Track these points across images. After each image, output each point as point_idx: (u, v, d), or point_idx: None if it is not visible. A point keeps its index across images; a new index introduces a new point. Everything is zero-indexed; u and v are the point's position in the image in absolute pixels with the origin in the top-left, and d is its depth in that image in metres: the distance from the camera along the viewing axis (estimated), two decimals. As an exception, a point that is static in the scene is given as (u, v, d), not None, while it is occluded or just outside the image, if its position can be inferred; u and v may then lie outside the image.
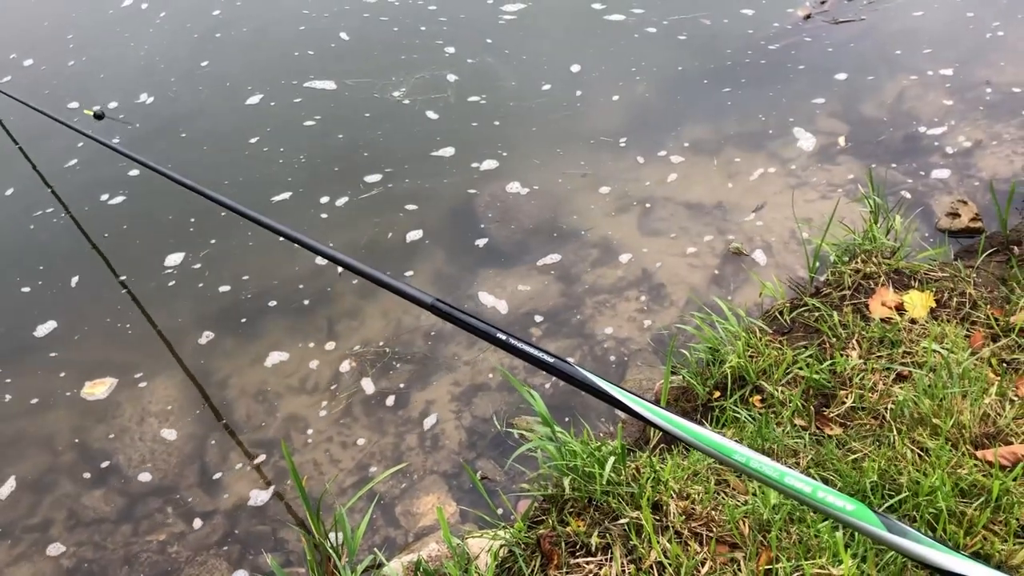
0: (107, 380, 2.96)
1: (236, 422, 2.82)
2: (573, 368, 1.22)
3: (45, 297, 3.33)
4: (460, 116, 4.19)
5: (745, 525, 1.86)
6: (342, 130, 4.16)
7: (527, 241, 3.43)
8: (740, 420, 2.28)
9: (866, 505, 0.90)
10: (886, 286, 2.65)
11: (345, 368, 2.96)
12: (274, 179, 3.88)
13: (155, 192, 3.81)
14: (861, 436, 2.13)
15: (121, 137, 4.14)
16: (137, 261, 3.47)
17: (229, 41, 4.97)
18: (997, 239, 3.00)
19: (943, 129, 3.73)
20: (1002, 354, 2.34)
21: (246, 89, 4.52)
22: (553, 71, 4.45)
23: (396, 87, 4.41)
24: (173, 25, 5.16)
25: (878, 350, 2.41)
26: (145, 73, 4.71)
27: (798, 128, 3.86)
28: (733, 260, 3.20)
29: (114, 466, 2.71)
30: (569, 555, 1.91)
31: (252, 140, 4.16)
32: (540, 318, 3.07)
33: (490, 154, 3.90)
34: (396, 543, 2.45)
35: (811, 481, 0.93)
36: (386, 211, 3.62)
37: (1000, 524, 1.80)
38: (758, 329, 2.61)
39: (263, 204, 3.71)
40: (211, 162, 4.06)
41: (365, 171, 3.86)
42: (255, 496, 2.59)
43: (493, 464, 2.62)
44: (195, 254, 3.48)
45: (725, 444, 1.04)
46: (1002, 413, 2.07)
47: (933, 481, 1.85)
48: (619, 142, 3.89)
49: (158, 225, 3.65)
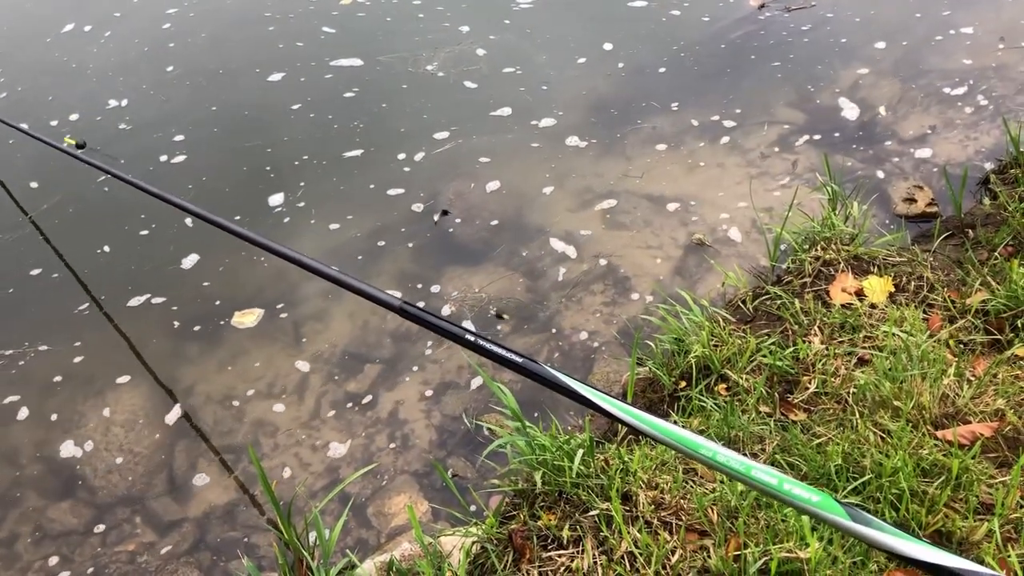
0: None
1: (203, 428, 2.79)
2: (541, 367, 1.23)
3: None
4: (502, 84, 4.37)
5: (714, 512, 1.88)
6: (385, 100, 4.32)
7: (590, 185, 3.68)
8: (706, 409, 2.31)
9: (830, 495, 0.92)
10: (846, 272, 2.69)
11: (313, 371, 2.95)
12: (335, 140, 4.06)
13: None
14: (825, 421, 2.16)
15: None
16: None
17: (193, 45, 4.91)
18: (952, 223, 3.06)
19: (898, 116, 3.79)
20: (959, 335, 2.38)
21: (262, 69, 4.57)
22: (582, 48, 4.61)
23: (428, 61, 4.55)
24: (131, 39, 5.07)
25: (839, 335, 2.45)
26: (104, 85, 4.62)
27: (756, 118, 3.90)
28: (696, 251, 3.23)
29: (80, 477, 2.68)
30: (541, 549, 1.92)
31: (294, 107, 4.28)
32: (604, 261, 3.27)
33: (546, 113, 4.11)
34: (369, 544, 2.45)
35: (777, 473, 0.95)
36: (463, 163, 3.85)
37: (960, 502, 1.84)
38: (722, 318, 2.64)
39: (336, 159, 3.93)
40: (262, 128, 4.19)
41: (434, 129, 4.07)
42: (224, 503, 2.57)
43: (464, 461, 2.63)
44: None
45: (691, 439, 1.05)
46: (960, 393, 2.11)
47: (895, 462, 1.88)
48: (579, 144, 3.91)
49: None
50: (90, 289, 3.32)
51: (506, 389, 2.18)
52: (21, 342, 3.10)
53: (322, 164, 3.92)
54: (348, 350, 3.02)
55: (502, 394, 2.16)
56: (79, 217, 3.74)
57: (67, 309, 3.24)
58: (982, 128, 3.65)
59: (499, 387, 2.20)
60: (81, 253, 3.51)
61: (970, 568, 0.80)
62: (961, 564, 0.80)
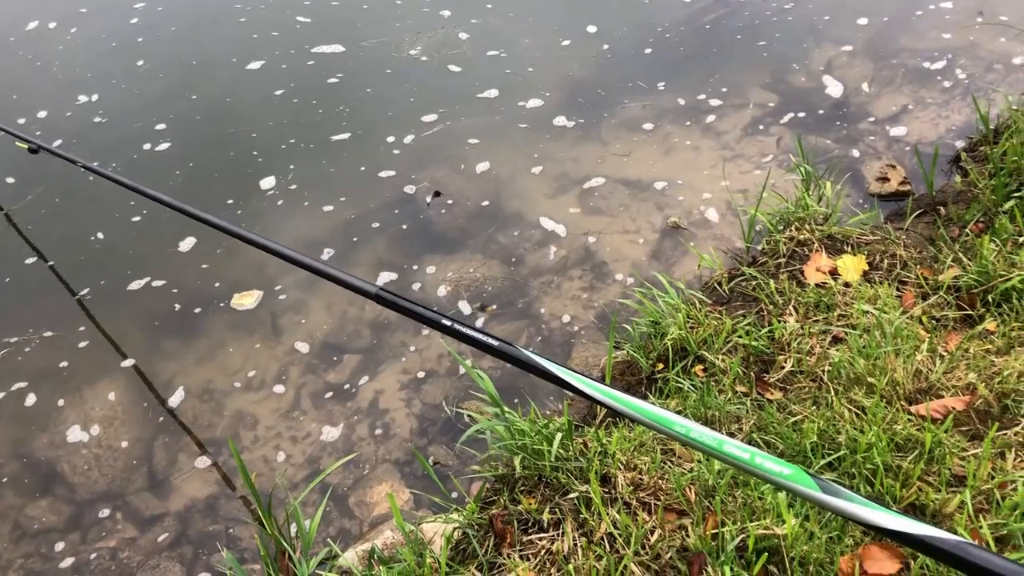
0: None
1: (183, 422, 2.78)
2: (517, 350, 1.23)
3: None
4: (487, 67, 4.37)
5: (692, 492, 1.90)
6: (369, 85, 4.31)
7: (580, 159, 3.74)
8: (683, 390, 2.32)
9: (802, 469, 0.93)
10: (820, 252, 2.71)
11: (292, 362, 2.94)
12: (321, 124, 4.06)
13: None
14: (800, 399, 2.18)
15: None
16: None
17: (163, 39, 4.86)
18: (925, 201, 3.08)
19: (873, 95, 3.82)
20: (932, 311, 2.41)
21: (239, 58, 4.55)
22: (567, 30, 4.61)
23: (411, 46, 4.56)
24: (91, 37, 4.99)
25: (814, 314, 2.47)
26: (71, 81, 4.56)
27: (731, 100, 3.91)
28: (672, 234, 3.25)
29: (59, 474, 2.66)
30: (522, 532, 1.93)
31: (277, 92, 4.28)
32: (593, 238, 3.29)
33: (534, 94, 4.12)
34: (351, 534, 2.45)
35: (749, 448, 0.96)
36: (453, 145, 3.87)
37: (933, 475, 1.86)
38: (698, 300, 2.66)
39: (324, 143, 3.94)
40: (246, 115, 4.19)
41: (422, 112, 4.07)
42: (206, 496, 2.57)
43: (445, 449, 2.63)
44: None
45: (665, 416, 1.06)
46: (933, 368, 2.14)
47: (870, 438, 1.91)
48: (562, 123, 3.91)
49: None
50: (88, 275, 3.33)
51: (484, 375, 2.19)
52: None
53: (310, 148, 3.92)
54: (327, 340, 3.01)
55: (479, 379, 2.17)
56: (67, 207, 3.71)
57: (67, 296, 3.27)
58: (954, 106, 3.68)
59: (477, 373, 2.20)
60: (74, 241, 3.50)
61: (937, 535, 0.81)
62: (929, 531, 0.82)
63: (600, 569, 1.78)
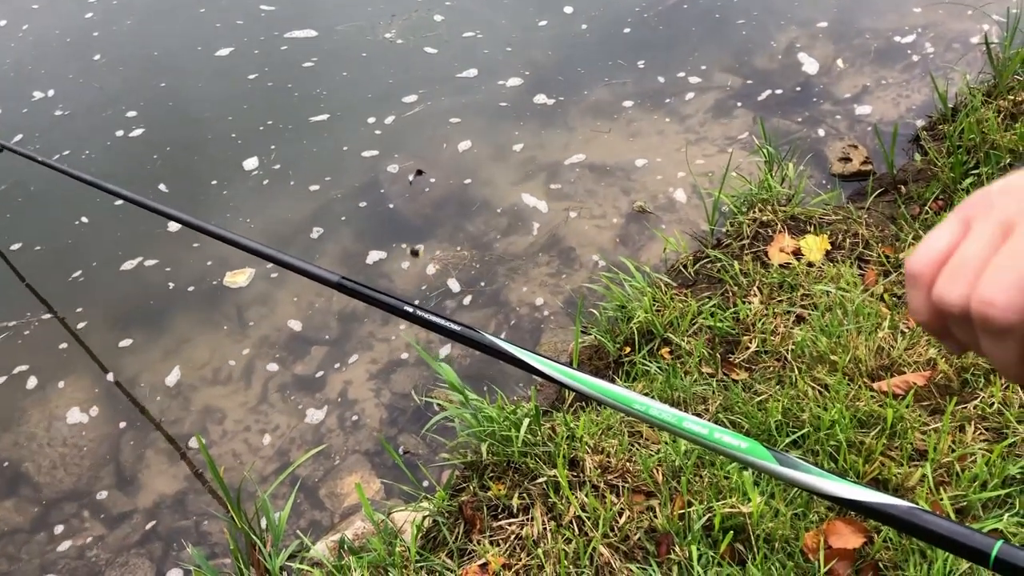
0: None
1: (150, 419, 2.75)
2: (480, 335, 1.24)
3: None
4: (464, 48, 4.36)
5: (659, 473, 1.91)
6: (345, 68, 4.28)
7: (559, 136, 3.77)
8: (650, 373, 2.34)
9: (758, 443, 0.95)
10: (783, 232, 2.74)
11: (259, 355, 2.92)
12: (299, 106, 4.03)
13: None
14: (766, 378, 2.20)
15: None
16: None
17: (119, 32, 4.77)
18: (885, 180, 3.12)
19: (832, 76, 3.85)
20: (894, 289, 2.44)
21: (205, 47, 4.48)
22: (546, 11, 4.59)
23: (385, 29, 4.52)
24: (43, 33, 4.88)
25: (778, 295, 2.49)
26: (24, 78, 4.45)
27: (693, 83, 3.92)
28: (637, 219, 3.26)
29: (23, 474, 2.63)
30: (491, 519, 1.94)
31: (251, 76, 4.25)
32: (574, 213, 3.33)
33: (513, 73, 4.12)
34: (322, 525, 2.44)
35: (707, 424, 0.98)
36: (434, 124, 3.88)
37: (896, 450, 1.89)
38: (663, 283, 2.67)
39: (303, 123, 3.91)
40: (219, 99, 4.15)
41: (402, 93, 4.06)
42: (175, 492, 2.55)
43: (415, 438, 2.63)
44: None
45: (624, 394, 1.07)
46: (895, 345, 2.17)
47: (833, 415, 1.93)
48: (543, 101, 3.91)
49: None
50: (76, 258, 3.32)
51: (445, 365, 2.19)
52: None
53: (288, 128, 3.90)
54: (295, 332, 2.99)
55: (441, 369, 2.17)
56: (45, 195, 3.67)
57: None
58: (915, 85, 3.71)
59: (439, 363, 2.20)
60: (58, 226, 3.48)
61: (889, 502, 0.83)
62: (881, 499, 0.84)
63: (569, 552, 1.79)
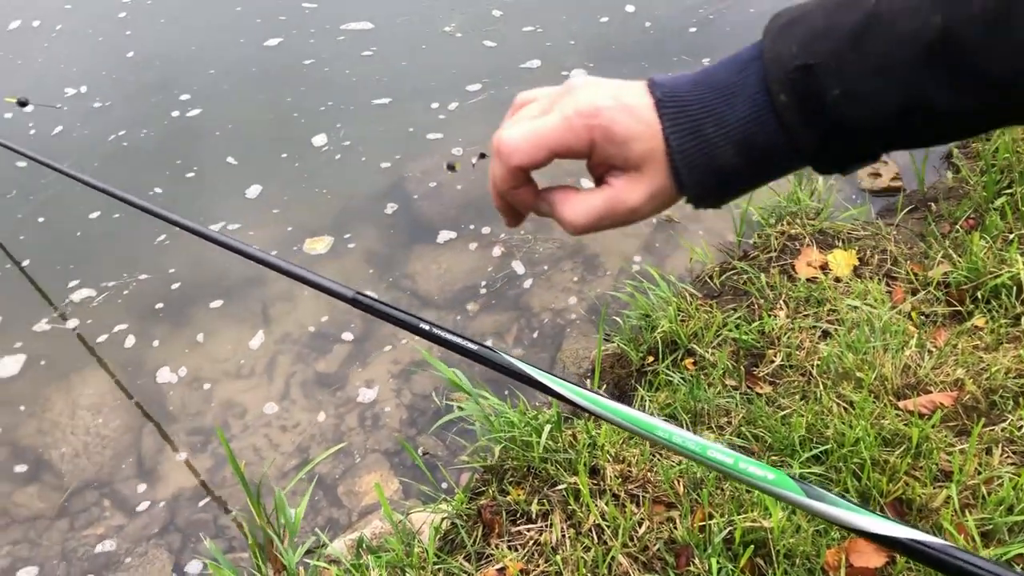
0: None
1: (171, 411, 2.77)
2: (497, 355, 1.23)
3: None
4: (524, 42, 4.37)
5: (680, 484, 1.90)
6: (404, 59, 4.32)
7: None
8: (673, 383, 2.33)
9: (785, 473, 0.94)
10: (811, 246, 2.72)
11: (282, 351, 2.93)
12: (359, 89, 4.10)
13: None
14: (789, 393, 2.19)
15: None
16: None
17: (154, 30, 4.81)
18: (916, 197, 3.09)
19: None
20: (921, 307, 2.42)
21: (255, 37, 4.55)
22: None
23: (444, 23, 4.56)
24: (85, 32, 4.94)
25: (804, 309, 2.47)
26: (57, 76, 4.48)
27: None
28: (664, 228, 3.25)
29: (46, 461, 2.65)
30: (510, 523, 1.93)
31: (307, 62, 4.31)
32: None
33: (577, 64, 4.17)
34: (340, 523, 2.45)
35: (732, 453, 0.96)
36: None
37: (920, 470, 1.87)
38: (688, 294, 2.66)
39: (365, 105, 3.99)
40: (275, 82, 4.23)
41: (464, 82, 4.10)
42: (194, 484, 2.57)
43: (434, 439, 2.63)
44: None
45: (647, 421, 1.06)
46: (922, 364, 2.15)
47: (857, 432, 1.91)
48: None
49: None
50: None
51: (459, 372, 2.21)
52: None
53: (350, 109, 3.97)
54: (317, 330, 3.01)
55: (455, 378, 2.18)
56: (115, 165, 3.78)
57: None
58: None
59: (453, 372, 2.21)
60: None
61: (923, 539, 0.81)
62: (914, 535, 0.82)
63: (588, 560, 1.78)
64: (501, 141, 0.63)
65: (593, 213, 0.63)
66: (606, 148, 0.61)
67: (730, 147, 0.58)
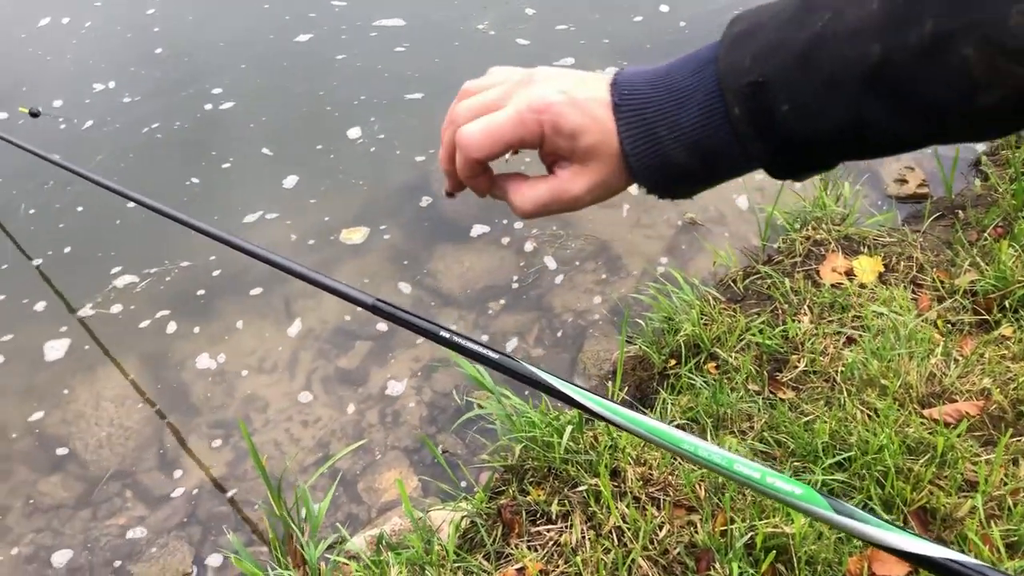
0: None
1: (194, 404, 2.80)
2: (518, 364, 1.22)
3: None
4: (557, 40, 4.39)
5: (701, 488, 1.90)
6: (437, 55, 4.34)
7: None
8: (695, 387, 2.32)
9: (812, 489, 0.93)
10: (836, 252, 2.70)
11: (304, 347, 2.95)
12: (391, 84, 4.13)
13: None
14: (813, 399, 2.18)
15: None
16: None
17: (182, 26, 4.85)
18: (943, 204, 3.06)
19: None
20: (947, 315, 2.40)
21: (284, 34, 4.58)
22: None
23: (477, 21, 4.58)
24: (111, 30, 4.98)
25: (829, 315, 2.46)
26: (86, 71, 4.53)
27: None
28: (688, 230, 3.24)
29: (70, 451, 2.68)
30: (530, 523, 1.94)
31: (339, 57, 4.35)
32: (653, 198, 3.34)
33: (610, 63, 4.16)
34: (359, 519, 2.46)
35: (759, 467, 0.95)
36: None
37: (945, 479, 1.86)
38: (712, 297, 2.65)
39: (398, 100, 4.01)
40: (307, 76, 4.26)
41: None
42: (216, 477, 2.59)
43: (455, 437, 2.64)
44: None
45: (672, 434, 1.05)
46: (947, 372, 2.13)
47: (881, 440, 1.90)
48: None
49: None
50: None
51: (483, 370, 2.20)
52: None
53: (384, 103, 4.00)
54: (339, 326, 3.02)
55: (479, 376, 2.18)
56: (150, 156, 3.84)
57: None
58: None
59: (477, 370, 2.21)
60: (169, 186, 3.63)
61: (954, 558, 0.80)
62: (945, 554, 0.81)
63: (608, 562, 1.78)
64: (461, 135, 0.68)
65: (539, 200, 0.68)
66: (555, 140, 0.65)
67: (683, 150, 0.60)
